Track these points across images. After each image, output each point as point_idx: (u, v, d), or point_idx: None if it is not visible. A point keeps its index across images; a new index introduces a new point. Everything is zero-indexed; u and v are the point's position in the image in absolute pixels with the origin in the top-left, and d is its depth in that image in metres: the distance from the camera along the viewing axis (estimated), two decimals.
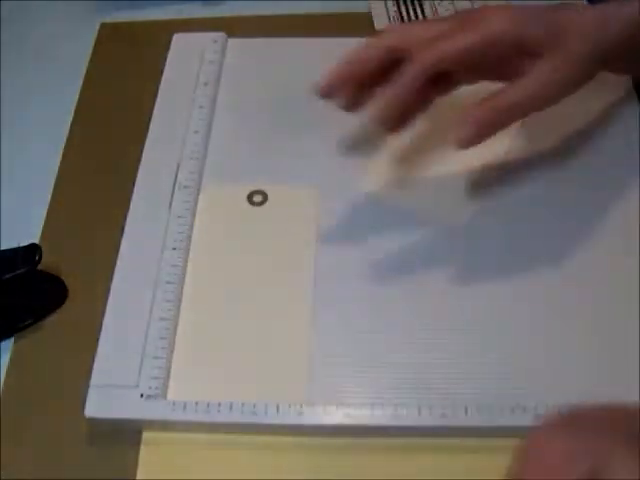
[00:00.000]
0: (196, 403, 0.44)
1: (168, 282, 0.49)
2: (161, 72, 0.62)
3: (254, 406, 0.44)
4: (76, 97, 0.62)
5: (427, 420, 0.43)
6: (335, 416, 0.44)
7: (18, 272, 0.47)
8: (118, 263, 0.50)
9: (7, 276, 0.47)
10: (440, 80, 0.48)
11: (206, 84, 0.61)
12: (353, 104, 0.50)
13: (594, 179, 0.55)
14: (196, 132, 0.57)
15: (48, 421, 0.45)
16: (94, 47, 0.66)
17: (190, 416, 0.44)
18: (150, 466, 0.44)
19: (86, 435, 0.45)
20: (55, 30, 0.68)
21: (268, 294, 0.50)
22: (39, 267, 0.48)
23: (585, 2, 0.62)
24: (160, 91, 0.60)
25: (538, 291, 0.49)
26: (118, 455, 0.44)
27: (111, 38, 0.67)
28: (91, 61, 0.65)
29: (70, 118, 0.60)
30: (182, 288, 0.50)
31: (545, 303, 0.49)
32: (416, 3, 0.68)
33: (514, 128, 0.58)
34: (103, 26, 0.67)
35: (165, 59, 0.63)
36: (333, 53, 0.63)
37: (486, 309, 0.49)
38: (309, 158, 0.57)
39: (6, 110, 0.61)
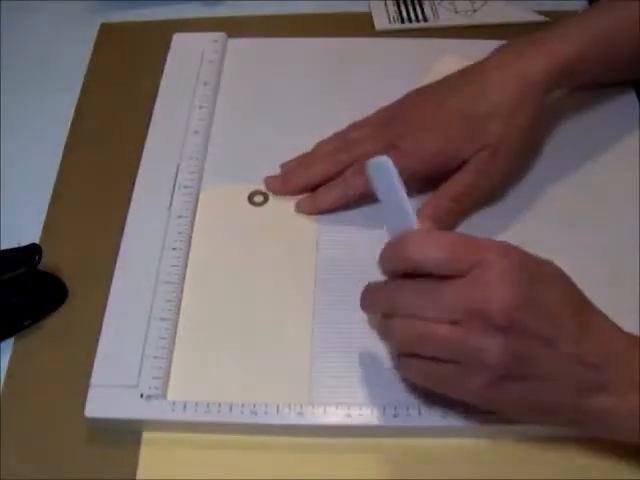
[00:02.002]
0: (196, 403, 0.44)
1: (168, 282, 0.49)
2: (161, 72, 0.62)
3: (254, 406, 0.44)
4: (76, 97, 0.62)
5: (427, 420, 0.43)
6: (335, 416, 0.44)
7: (18, 272, 0.47)
8: (118, 263, 0.50)
9: (7, 276, 0.47)
10: None
11: (206, 84, 0.61)
12: None
13: (594, 180, 0.55)
14: (196, 132, 0.57)
15: (48, 421, 0.45)
16: (94, 47, 0.66)
17: (190, 416, 0.44)
18: (150, 466, 0.44)
19: (86, 435, 0.45)
20: (55, 30, 0.68)
21: (268, 294, 0.50)
22: (39, 267, 0.48)
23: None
24: (160, 91, 0.60)
25: None
26: (118, 455, 0.44)
27: (111, 38, 0.67)
28: (91, 61, 0.65)
29: (70, 118, 0.60)
30: (182, 288, 0.50)
31: None
32: (416, 3, 0.68)
33: None
34: (103, 26, 0.67)
35: (165, 59, 0.63)
36: (333, 53, 0.64)
37: None
38: None
39: (6, 110, 0.61)
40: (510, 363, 0.37)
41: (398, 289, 0.40)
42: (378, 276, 0.50)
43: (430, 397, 0.44)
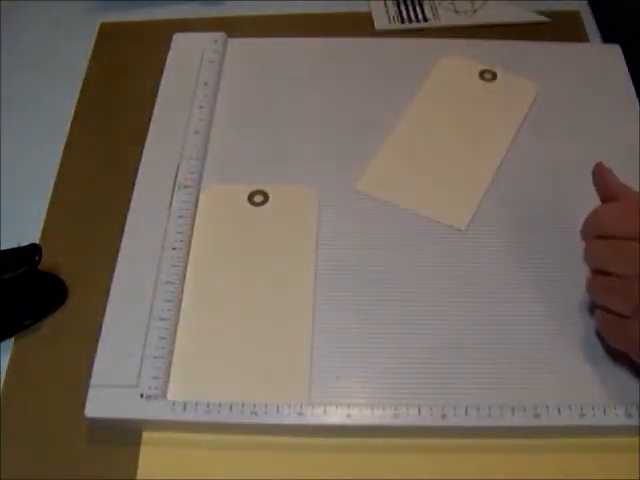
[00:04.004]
0: (196, 403, 0.44)
1: (168, 282, 0.49)
2: (161, 72, 0.62)
3: (254, 406, 0.44)
4: (76, 97, 0.62)
5: (427, 420, 0.43)
6: (335, 416, 0.44)
7: (18, 272, 0.47)
8: (118, 263, 0.50)
9: (7, 276, 0.47)
10: None
11: (206, 84, 0.61)
12: None
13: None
14: (196, 132, 0.57)
15: (48, 421, 0.45)
16: (94, 47, 0.66)
17: (190, 416, 0.44)
18: (150, 466, 0.44)
19: (86, 435, 0.45)
20: (55, 30, 0.68)
21: (268, 294, 0.50)
22: (39, 267, 0.48)
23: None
24: (160, 91, 0.60)
25: (538, 293, 0.49)
26: (118, 455, 0.44)
27: (111, 38, 0.67)
28: (91, 61, 0.65)
29: (70, 118, 0.60)
30: (182, 288, 0.50)
31: (545, 304, 0.49)
32: (416, 3, 0.68)
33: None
34: (103, 26, 0.67)
35: (165, 59, 0.63)
36: (333, 53, 0.64)
37: (486, 310, 0.49)
38: (309, 158, 0.57)
39: (6, 110, 0.61)
40: None
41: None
42: (378, 276, 0.50)
43: (430, 397, 0.44)
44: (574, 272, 0.50)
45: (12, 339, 0.49)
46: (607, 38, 0.65)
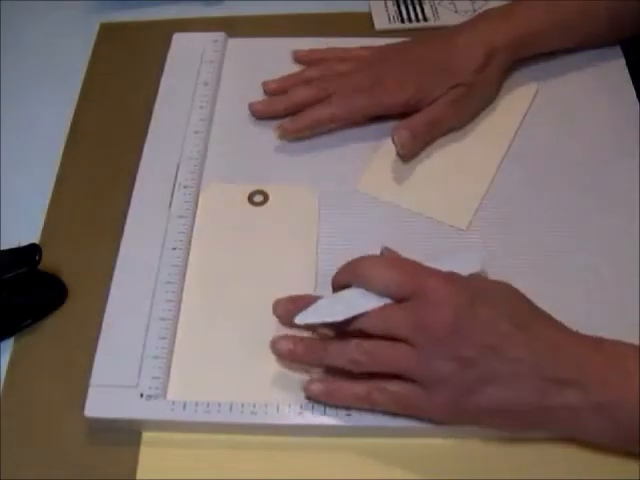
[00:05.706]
0: (196, 403, 0.44)
1: (168, 282, 0.49)
2: (161, 72, 0.62)
3: (254, 406, 0.44)
4: (76, 97, 0.62)
5: (427, 420, 0.43)
6: (335, 416, 0.44)
7: (18, 272, 0.47)
8: (118, 263, 0.50)
9: (7, 276, 0.47)
10: None
11: (206, 84, 0.61)
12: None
13: (594, 181, 0.55)
14: (196, 132, 0.57)
15: (48, 421, 0.45)
16: (94, 47, 0.66)
17: (190, 416, 0.44)
18: (150, 466, 0.44)
19: (86, 435, 0.45)
20: (55, 30, 0.68)
21: (268, 294, 0.49)
22: (39, 267, 0.48)
23: None
24: (160, 91, 0.60)
25: (538, 292, 0.49)
26: (118, 455, 0.44)
27: (111, 38, 0.67)
28: (91, 61, 0.65)
29: (70, 118, 0.60)
30: (182, 288, 0.50)
31: (544, 302, 0.49)
32: (416, 3, 0.68)
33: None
34: (103, 26, 0.67)
35: (165, 59, 0.63)
36: None
37: None
38: (309, 158, 0.57)
39: (6, 109, 0.61)
40: (460, 371, 0.40)
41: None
42: None
43: None
44: (575, 272, 0.50)
45: (12, 339, 0.49)
46: None
